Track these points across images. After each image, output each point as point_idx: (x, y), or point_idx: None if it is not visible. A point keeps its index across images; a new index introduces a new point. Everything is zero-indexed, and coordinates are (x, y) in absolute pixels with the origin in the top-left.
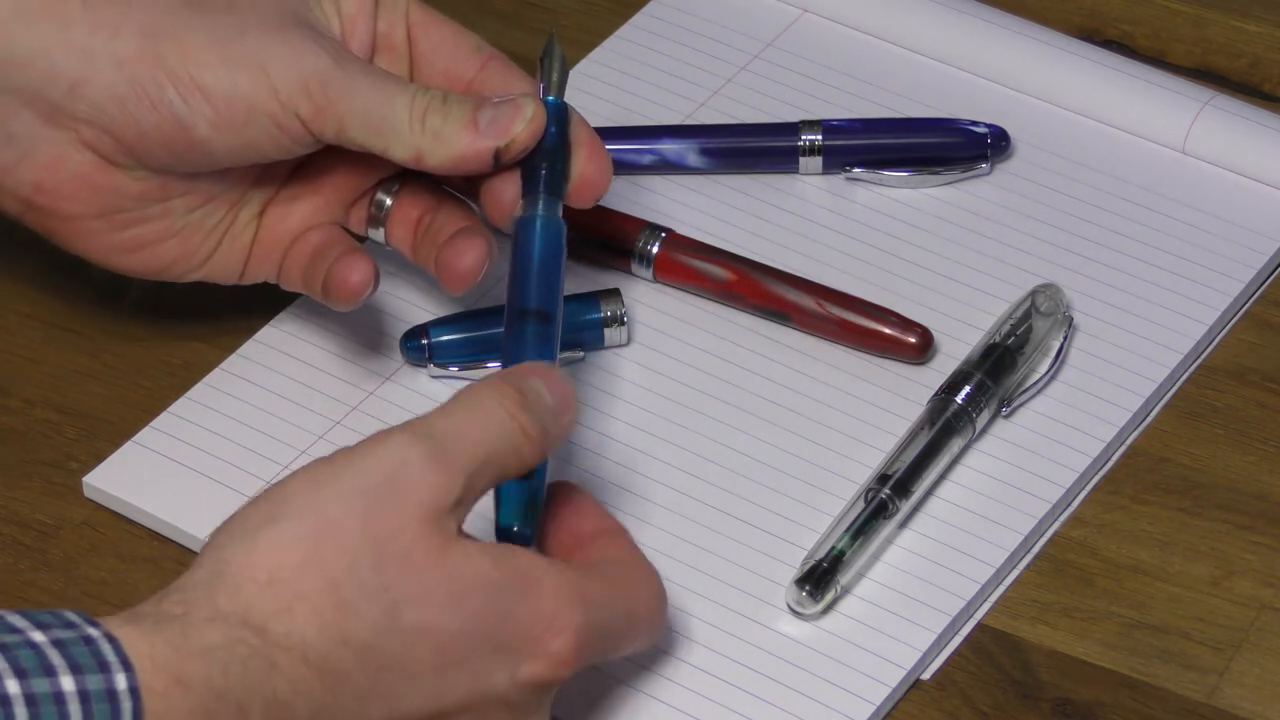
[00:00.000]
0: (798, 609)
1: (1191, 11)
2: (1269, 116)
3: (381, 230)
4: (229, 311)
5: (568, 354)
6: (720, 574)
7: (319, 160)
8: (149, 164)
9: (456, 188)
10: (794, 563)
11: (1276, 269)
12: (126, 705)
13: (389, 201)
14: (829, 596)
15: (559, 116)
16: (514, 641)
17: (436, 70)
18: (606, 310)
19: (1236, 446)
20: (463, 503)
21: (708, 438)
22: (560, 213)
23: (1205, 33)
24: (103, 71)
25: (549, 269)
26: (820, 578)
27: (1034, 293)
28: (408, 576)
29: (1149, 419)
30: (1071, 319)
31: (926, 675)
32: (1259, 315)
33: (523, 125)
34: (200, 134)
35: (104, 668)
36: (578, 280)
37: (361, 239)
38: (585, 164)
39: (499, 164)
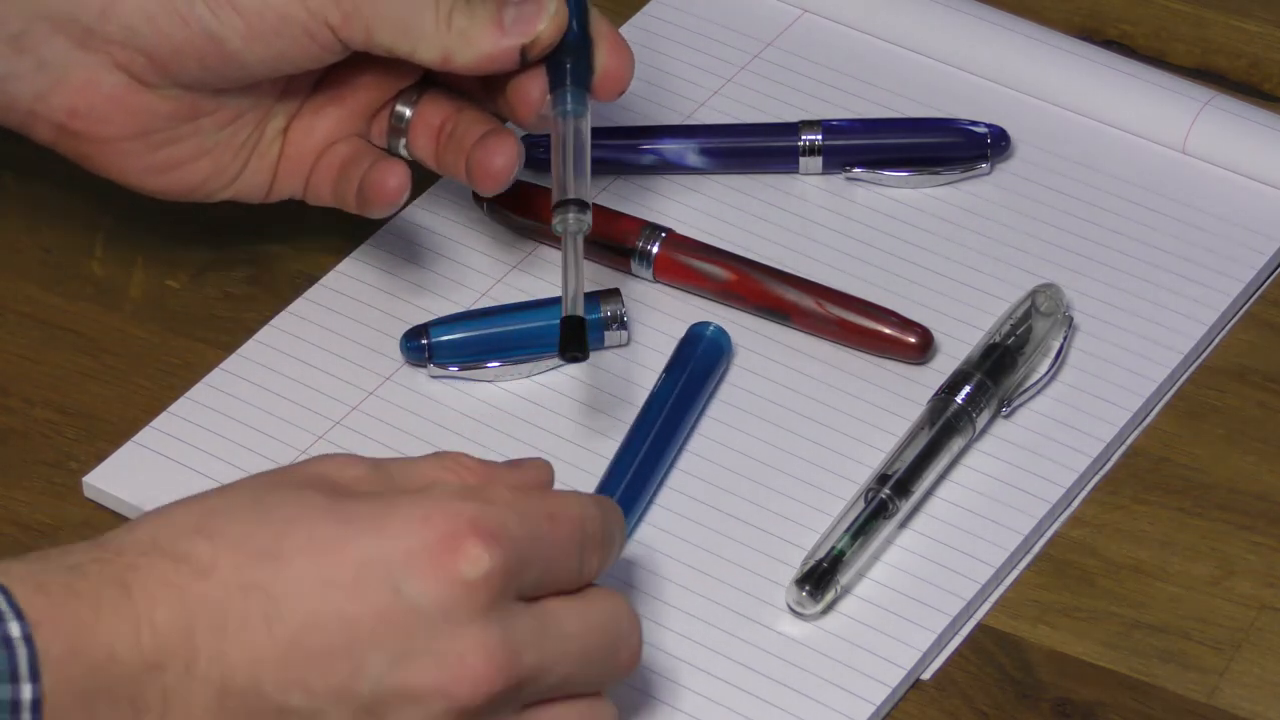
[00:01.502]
0: (798, 609)
1: (1191, 11)
2: (1269, 116)
3: (403, 141)
4: (229, 311)
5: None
6: (720, 574)
7: (341, 73)
8: (181, 81)
9: (475, 96)
10: (794, 563)
11: (1276, 269)
12: (22, 652)
13: (409, 112)
14: (829, 596)
15: (580, 11)
16: (393, 528)
17: None
18: (606, 310)
19: (1236, 446)
20: (365, 485)
21: (707, 438)
22: (587, 104)
23: (1205, 33)
24: None
25: None
26: (820, 578)
27: (1034, 293)
28: (279, 486)
29: (1149, 419)
30: (1071, 319)
31: (926, 675)
32: (1259, 315)
33: (547, 21)
34: (232, 47)
35: None
36: None
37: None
38: (608, 57)
39: (524, 62)
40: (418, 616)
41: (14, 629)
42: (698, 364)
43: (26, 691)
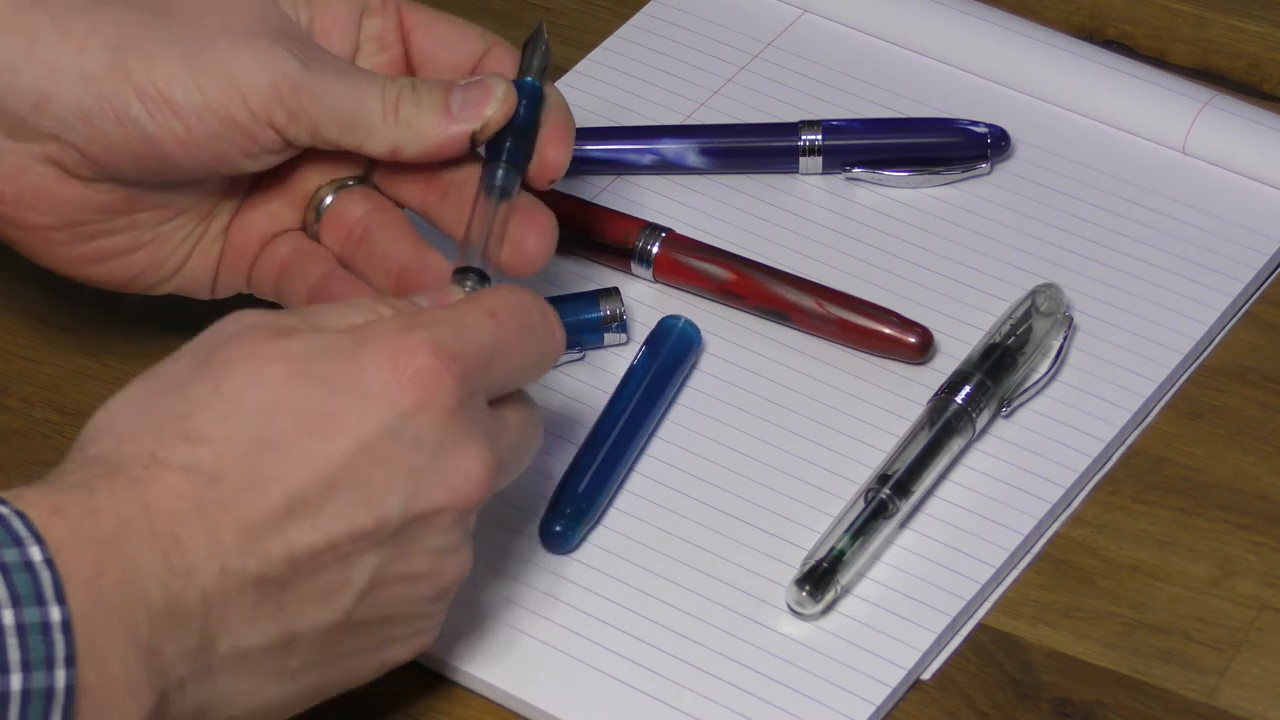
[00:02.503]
0: (798, 609)
1: (1191, 11)
2: (1269, 116)
3: (315, 232)
4: (229, 312)
5: (567, 354)
6: (720, 574)
7: (281, 165)
8: (115, 177)
9: (415, 200)
10: (794, 563)
11: (1276, 269)
12: (45, 575)
13: (329, 200)
14: (829, 596)
15: (533, 96)
16: (371, 383)
17: (443, 65)
18: (606, 309)
19: (1236, 446)
20: (298, 331)
21: (706, 437)
22: (516, 186)
23: (1205, 33)
24: (69, 87)
25: None
26: (820, 578)
27: (1034, 293)
28: (231, 364)
29: (1149, 419)
30: (1071, 319)
31: (926, 675)
32: (1259, 315)
33: (495, 106)
34: (167, 149)
35: (17, 541)
36: (577, 280)
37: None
38: (545, 146)
39: (474, 147)
40: (419, 451)
41: (35, 553)
42: (667, 356)
43: (55, 613)
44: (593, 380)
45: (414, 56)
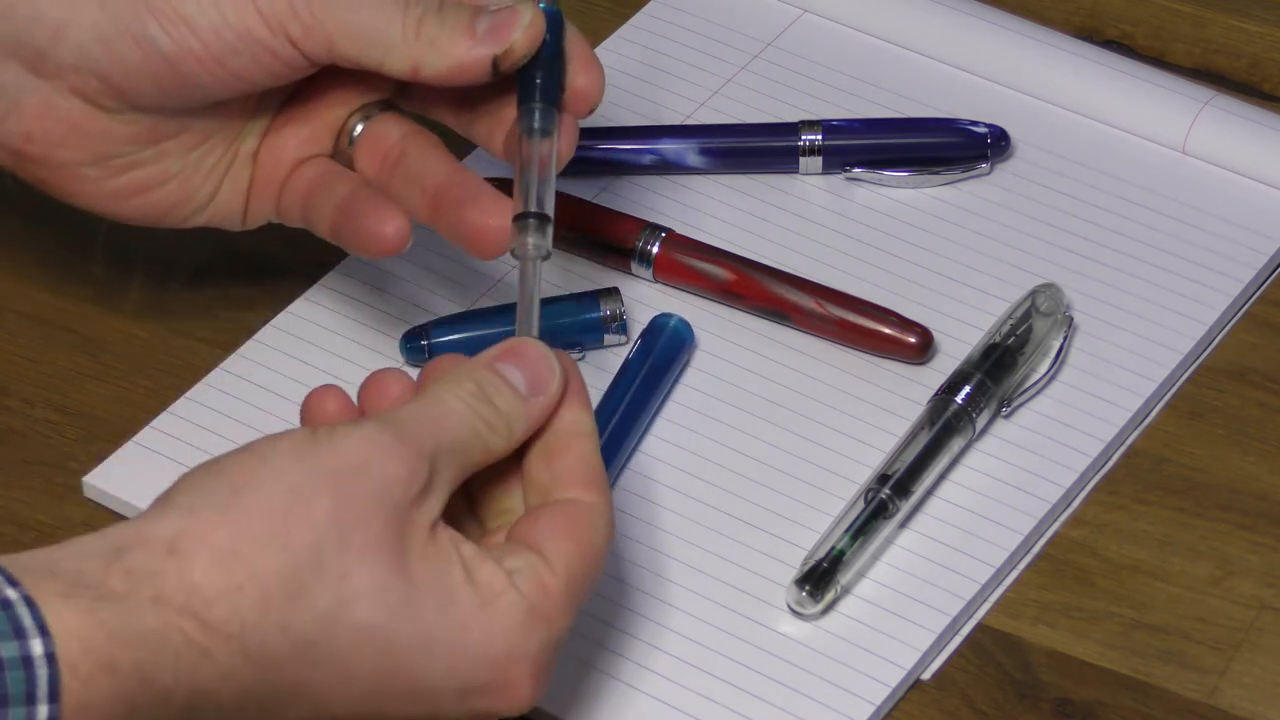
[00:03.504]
0: (798, 609)
1: (1191, 11)
2: (1269, 116)
3: (349, 158)
4: (229, 311)
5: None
6: (720, 574)
7: (309, 87)
8: (139, 104)
9: (448, 120)
10: (794, 563)
11: (1276, 269)
12: (42, 672)
13: (360, 128)
14: (829, 596)
15: (555, 25)
16: (465, 668)
17: None
18: (606, 310)
19: (1236, 446)
20: (431, 491)
21: (707, 437)
22: (556, 121)
23: (1205, 33)
24: (86, 13)
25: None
26: (820, 578)
27: (1034, 293)
28: (367, 567)
29: (1149, 419)
30: (1071, 319)
31: (926, 675)
32: (1259, 315)
33: (521, 31)
34: (186, 68)
35: (20, 633)
36: (577, 280)
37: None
38: (578, 74)
39: (497, 73)
40: (475, 694)
41: (36, 646)
42: (660, 354)
43: (42, 713)
44: (592, 380)
45: None
